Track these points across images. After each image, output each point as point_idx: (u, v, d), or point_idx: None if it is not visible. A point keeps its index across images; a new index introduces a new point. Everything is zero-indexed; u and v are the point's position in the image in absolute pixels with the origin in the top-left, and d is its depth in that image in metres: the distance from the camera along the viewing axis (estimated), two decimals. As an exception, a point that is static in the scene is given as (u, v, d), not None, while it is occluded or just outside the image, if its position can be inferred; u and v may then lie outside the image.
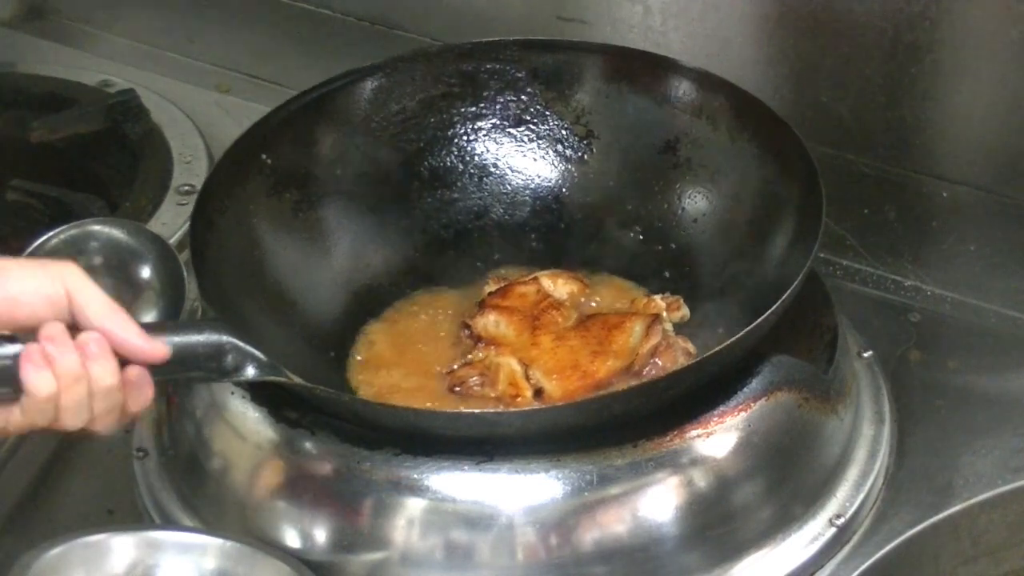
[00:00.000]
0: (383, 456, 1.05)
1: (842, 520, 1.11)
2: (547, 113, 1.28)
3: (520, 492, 1.03)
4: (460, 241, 1.28)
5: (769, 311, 1.05)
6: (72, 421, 0.95)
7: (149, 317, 1.26)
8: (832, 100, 1.32)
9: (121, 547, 1.04)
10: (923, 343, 1.28)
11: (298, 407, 1.09)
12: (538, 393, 1.14)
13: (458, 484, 1.04)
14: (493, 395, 1.15)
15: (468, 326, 1.20)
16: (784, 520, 1.09)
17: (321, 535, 1.06)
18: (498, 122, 1.29)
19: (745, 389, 1.09)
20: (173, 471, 1.15)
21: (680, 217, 1.24)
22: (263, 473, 1.08)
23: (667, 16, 1.36)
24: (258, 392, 1.10)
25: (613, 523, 1.04)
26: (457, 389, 1.15)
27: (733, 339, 1.04)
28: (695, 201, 1.24)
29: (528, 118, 1.29)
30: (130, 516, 1.15)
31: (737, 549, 1.07)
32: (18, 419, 0.95)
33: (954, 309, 1.32)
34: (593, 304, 1.22)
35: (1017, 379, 1.26)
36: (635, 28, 1.38)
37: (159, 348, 0.97)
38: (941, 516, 1.14)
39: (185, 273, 1.26)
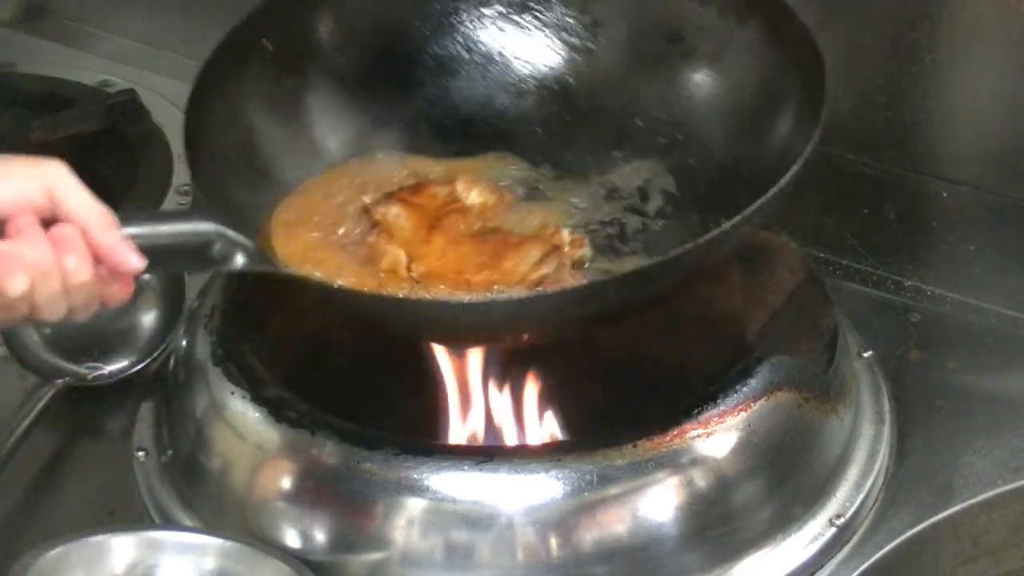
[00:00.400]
0: (383, 456, 1.05)
1: (842, 520, 1.11)
2: (553, 0, 1.26)
3: (520, 492, 1.04)
4: (464, 131, 1.26)
5: (740, 216, 1.01)
6: (48, 315, 0.94)
7: (149, 318, 1.27)
8: (832, 100, 1.32)
9: (121, 547, 1.04)
10: (923, 343, 1.28)
11: (298, 407, 1.09)
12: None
13: (458, 484, 1.04)
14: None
15: (368, 211, 1.17)
16: (784, 520, 1.09)
17: (321, 535, 1.06)
18: (504, 9, 1.26)
19: (745, 389, 1.09)
20: (173, 471, 1.15)
21: (685, 106, 1.22)
22: (263, 473, 1.08)
23: (669, 16, 1.36)
24: (259, 392, 1.10)
25: (613, 523, 1.04)
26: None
27: (700, 240, 1.01)
28: (701, 90, 1.22)
29: (533, 5, 1.26)
30: (130, 516, 1.15)
31: (737, 549, 1.07)
32: None
33: (954, 309, 1.32)
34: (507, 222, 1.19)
35: (1017, 379, 1.26)
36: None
37: (133, 262, 0.95)
38: (941, 516, 1.14)
39: (185, 274, 1.27)
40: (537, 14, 1.27)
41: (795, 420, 1.10)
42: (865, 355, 1.23)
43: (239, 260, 1.01)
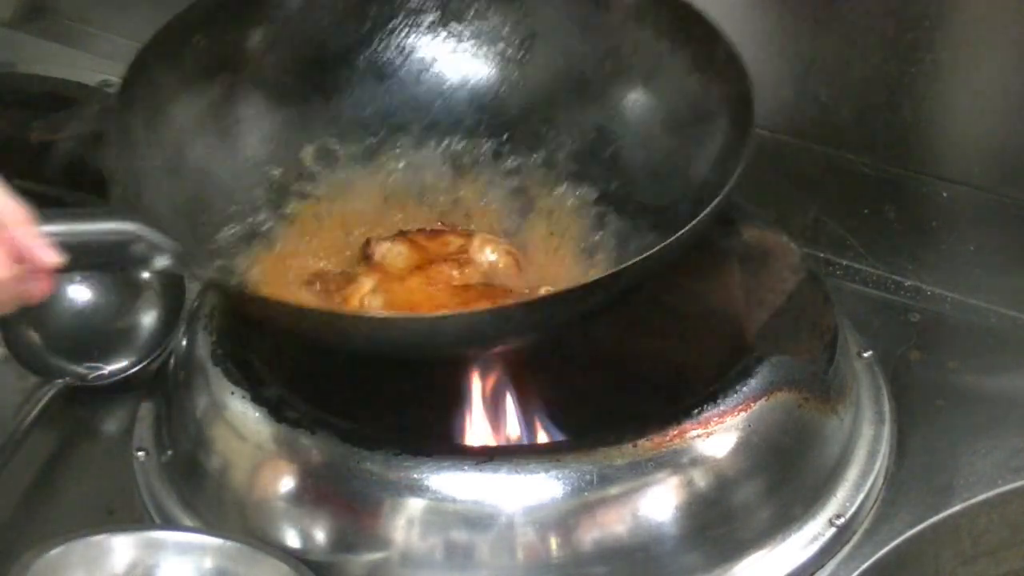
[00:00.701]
0: (383, 456, 1.05)
1: (842, 520, 1.11)
2: (489, 11, 1.26)
3: (520, 492, 1.03)
4: (392, 137, 1.26)
5: (667, 241, 1.02)
6: None
7: (149, 318, 1.27)
8: (832, 100, 1.32)
9: (121, 547, 1.04)
10: (923, 343, 1.28)
11: (298, 407, 1.09)
12: None
13: (458, 484, 1.04)
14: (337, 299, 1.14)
15: (369, 243, 1.17)
16: (784, 520, 1.09)
17: (321, 535, 1.06)
18: (440, 17, 1.27)
19: (745, 389, 1.09)
20: (173, 471, 1.15)
21: (616, 124, 1.22)
22: (263, 473, 1.08)
23: (667, 16, 1.36)
24: (259, 392, 1.10)
25: (613, 523, 1.04)
26: (314, 286, 1.15)
27: (620, 267, 1.03)
28: (632, 109, 1.22)
29: (470, 15, 1.27)
30: (130, 516, 1.15)
31: (737, 549, 1.07)
32: None
33: (954, 309, 1.32)
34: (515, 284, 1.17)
35: (1017, 379, 1.26)
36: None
37: (49, 257, 0.96)
38: (941, 516, 1.14)
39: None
40: (473, 24, 1.27)
41: (795, 420, 1.10)
42: (865, 355, 1.23)
43: (160, 262, 1.01)
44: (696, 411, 1.07)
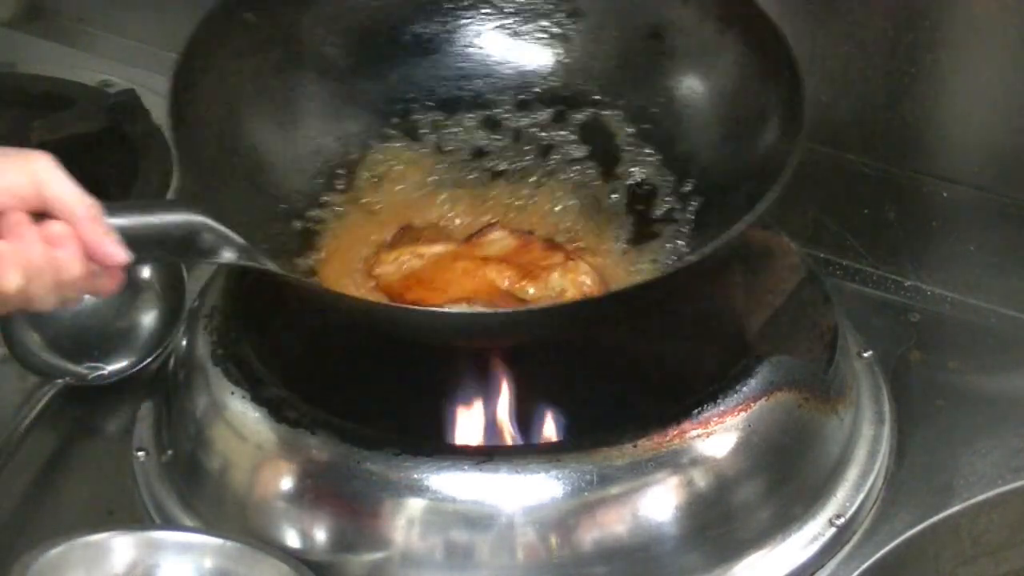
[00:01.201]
0: (383, 456, 1.05)
1: (842, 520, 1.11)
2: None
3: (520, 492, 1.04)
4: (441, 109, 1.26)
5: (720, 238, 1.04)
6: (40, 307, 0.97)
7: (149, 318, 1.27)
8: (832, 100, 1.32)
9: (121, 547, 1.04)
10: (923, 343, 1.28)
11: (298, 407, 1.09)
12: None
13: (458, 484, 1.04)
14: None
15: (491, 225, 1.18)
16: (784, 520, 1.09)
17: (321, 535, 1.06)
18: None
19: (745, 389, 1.09)
20: (173, 471, 1.15)
21: (665, 105, 1.22)
22: (263, 473, 1.08)
23: (667, 16, 1.36)
24: (258, 392, 1.10)
25: (613, 523, 1.04)
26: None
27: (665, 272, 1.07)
28: (680, 91, 1.22)
29: None
30: (130, 516, 1.15)
31: (737, 549, 1.07)
32: None
33: (954, 309, 1.32)
34: None
35: (1017, 379, 1.26)
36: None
37: (118, 255, 0.97)
38: (941, 516, 1.14)
39: (185, 274, 1.27)
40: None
41: (795, 420, 1.10)
42: (865, 355, 1.23)
43: (226, 255, 1.02)
44: (696, 411, 1.07)
